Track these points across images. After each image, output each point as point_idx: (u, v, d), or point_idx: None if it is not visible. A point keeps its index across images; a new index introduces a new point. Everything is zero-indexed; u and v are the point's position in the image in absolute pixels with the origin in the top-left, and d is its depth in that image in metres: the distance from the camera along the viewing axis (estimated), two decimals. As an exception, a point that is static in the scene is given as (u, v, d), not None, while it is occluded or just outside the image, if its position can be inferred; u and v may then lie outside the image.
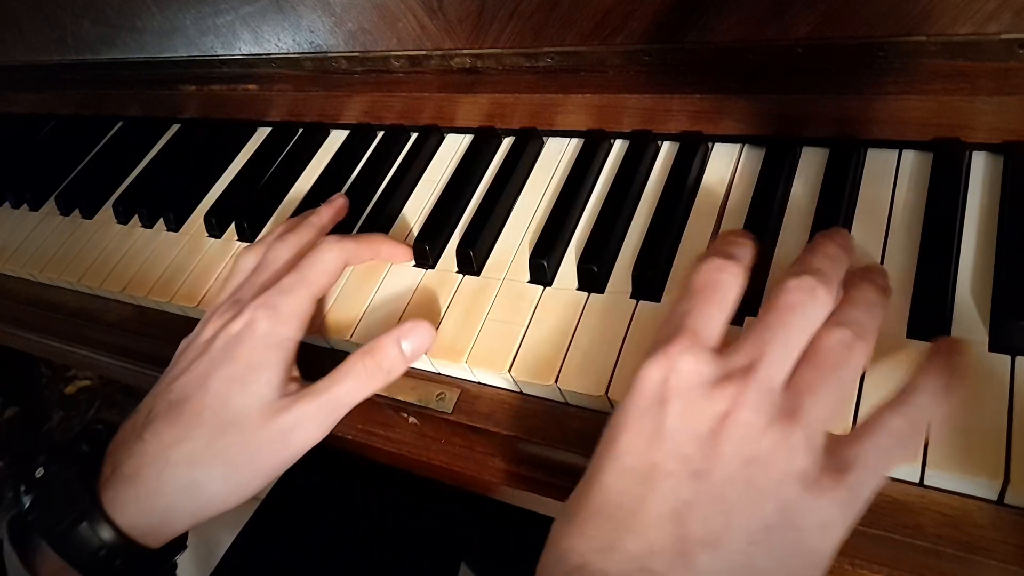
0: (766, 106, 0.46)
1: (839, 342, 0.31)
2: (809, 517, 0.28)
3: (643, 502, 0.29)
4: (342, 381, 0.40)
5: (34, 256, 0.67)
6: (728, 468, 0.29)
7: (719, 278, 0.33)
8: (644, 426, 0.30)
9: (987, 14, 0.37)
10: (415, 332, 0.42)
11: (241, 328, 0.41)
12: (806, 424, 0.29)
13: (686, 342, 0.31)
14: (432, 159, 0.58)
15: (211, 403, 0.39)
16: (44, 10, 0.70)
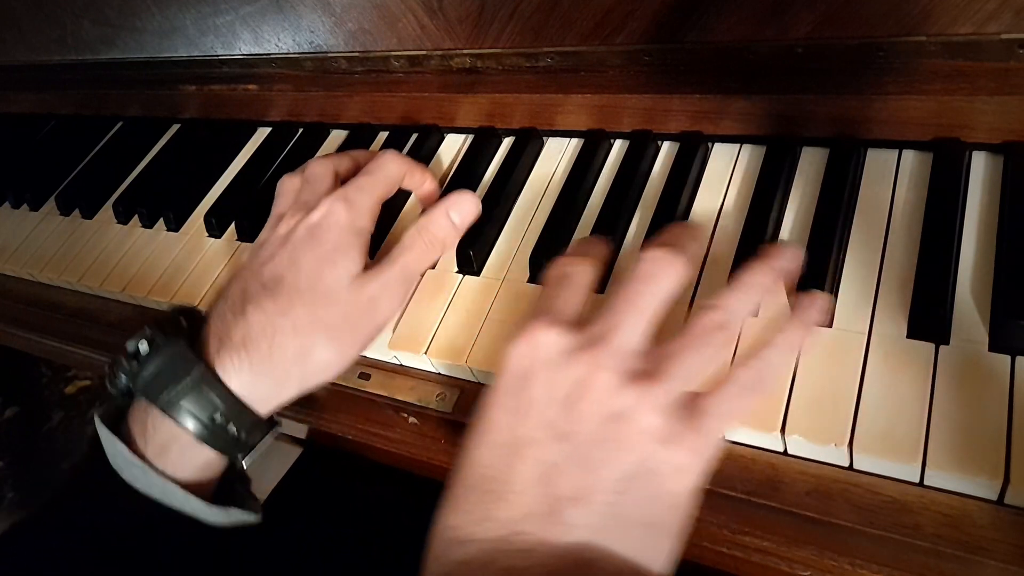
0: (766, 106, 0.46)
1: (711, 321, 0.33)
2: (666, 464, 0.31)
3: (512, 471, 0.31)
4: (407, 252, 0.45)
5: (34, 256, 0.67)
6: (589, 427, 0.31)
7: (569, 270, 0.37)
8: (510, 402, 0.32)
9: (987, 14, 0.37)
10: (462, 202, 0.46)
11: (321, 217, 0.44)
12: (661, 383, 0.32)
13: (545, 320, 0.34)
14: (432, 159, 0.58)
15: (305, 279, 0.42)
16: (44, 10, 0.70)
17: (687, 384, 0.32)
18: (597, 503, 0.30)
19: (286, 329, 0.40)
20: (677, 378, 0.32)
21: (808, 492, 0.35)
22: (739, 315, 0.34)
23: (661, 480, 0.31)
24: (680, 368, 0.32)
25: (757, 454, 0.37)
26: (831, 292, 0.39)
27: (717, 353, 0.34)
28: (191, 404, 0.39)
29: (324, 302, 0.41)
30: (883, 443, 0.33)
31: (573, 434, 0.31)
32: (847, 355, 0.36)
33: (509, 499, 0.30)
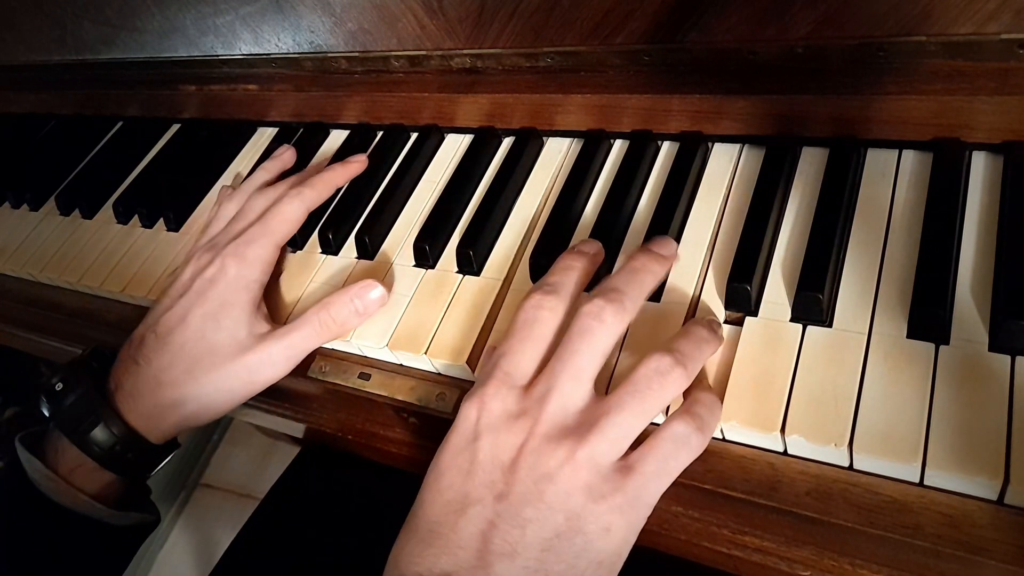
0: (766, 106, 0.46)
1: (654, 370, 0.35)
2: (592, 522, 0.33)
3: (455, 527, 0.34)
4: (300, 329, 0.47)
5: (34, 256, 0.67)
6: (523, 487, 0.33)
7: (536, 315, 0.38)
8: (461, 462, 0.35)
9: (987, 14, 0.37)
10: (368, 292, 0.47)
11: (214, 273, 0.48)
12: (592, 443, 0.33)
13: (496, 383, 0.36)
14: (432, 159, 0.58)
15: (190, 336, 0.47)
16: (44, 10, 0.70)
17: (621, 440, 0.34)
18: (524, 558, 0.32)
19: (165, 383, 0.47)
20: (609, 436, 0.34)
21: (808, 492, 0.35)
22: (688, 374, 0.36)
23: (587, 538, 0.33)
24: (612, 427, 0.34)
25: (757, 454, 0.37)
26: (831, 292, 0.39)
27: (655, 406, 0.35)
28: (94, 436, 0.46)
29: (202, 362, 0.46)
30: (883, 443, 0.33)
31: (510, 494, 0.33)
32: (847, 355, 0.36)
33: (451, 551, 0.33)
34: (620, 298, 0.37)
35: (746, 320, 0.40)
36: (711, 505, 0.37)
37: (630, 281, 0.38)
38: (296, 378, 0.50)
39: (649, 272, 0.39)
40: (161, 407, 0.47)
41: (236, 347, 0.46)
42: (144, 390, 0.47)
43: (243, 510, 0.37)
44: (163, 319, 0.48)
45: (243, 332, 0.47)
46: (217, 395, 0.47)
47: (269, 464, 1.49)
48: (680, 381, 0.35)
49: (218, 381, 0.46)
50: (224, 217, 0.54)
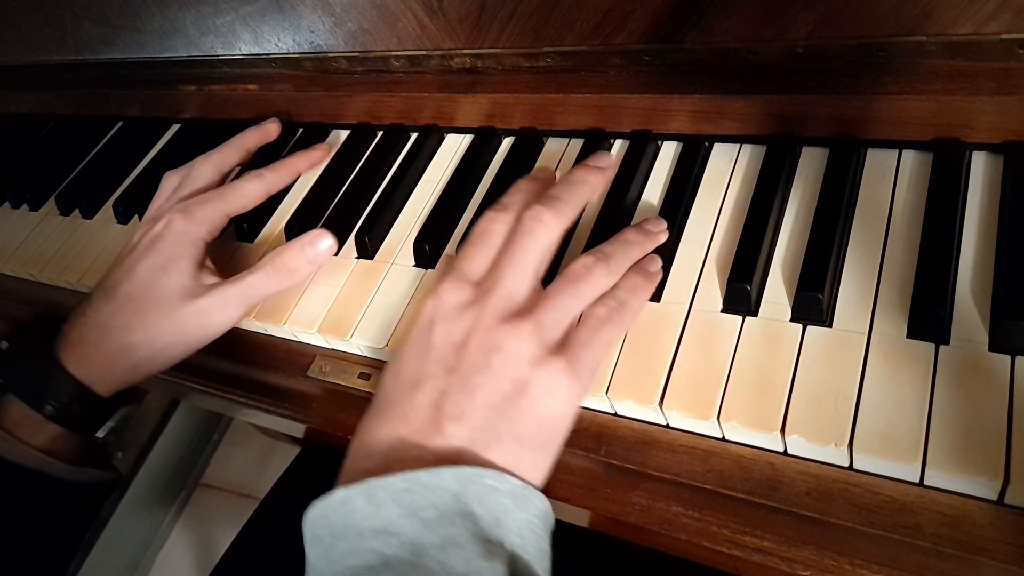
0: (766, 106, 0.46)
1: (582, 266, 0.40)
2: (536, 386, 0.36)
3: (412, 399, 0.37)
4: (254, 273, 0.49)
5: (34, 256, 0.67)
6: (473, 359, 0.37)
7: (489, 228, 0.42)
8: (418, 348, 0.39)
9: (987, 14, 0.37)
10: (319, 241, 0.50)
11: (161, 228, 0.50)
12: (535, 320, 0.37)
13: (451, 281, 0.40)
14: (432, 159, 0.58)
15: (139, 285, 0.48)
16: (44, 10, 0.70)
17: (560, 321, 0.38)
18: (473, 419, 0.35)
19: (115, 328, 0.47)
20: (549, 316, 0.38)
21: (808, 492, 0.35)
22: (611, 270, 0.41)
23: (531, 399, 0.36)
24: (552, 308, 0.38)
25: (757, 454, 0.37)
26: (831, 292, 0.39)
27: (588, 296, 0.40)
28: (43, 390, 0.47)
29: (152, 307, 0.48)
30: (883, 443, 0.33)
31: (460, 367, 0.37)
32: (847, 355, 0.36)
33: (408, 420, 0.36)
34: (557, 204, 0.41)
35: (746, 320, 0.40)
36: (711, 505, 0.37)
37: (567, 190, 0.42)
38: (296, 378, 0.50)
39: (585, 183, 0.44)
40: (110, 354, 0.47)
41: (186, 292, 0.48)
42: (91, 338, 0.47)
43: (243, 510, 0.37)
44: (111, 275, 0.50)
45: (192, 281, 0.48)
46: (170, 339, 0.48)
47: (269, 464, 1.49)
48: (604, 277, 0.40)
49: (171, 324, 0.47)
50: (167, 189, 0.55)
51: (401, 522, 0.32)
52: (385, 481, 0.33)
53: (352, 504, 0.33)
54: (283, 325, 0.50)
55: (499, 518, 0.33)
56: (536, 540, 0.35)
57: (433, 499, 0.33)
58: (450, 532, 0.32)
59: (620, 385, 0.40)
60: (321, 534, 0.34)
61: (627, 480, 0.39)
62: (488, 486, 0.34)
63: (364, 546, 0.32)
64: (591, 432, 0.41)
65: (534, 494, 0.35)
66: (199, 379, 0.54)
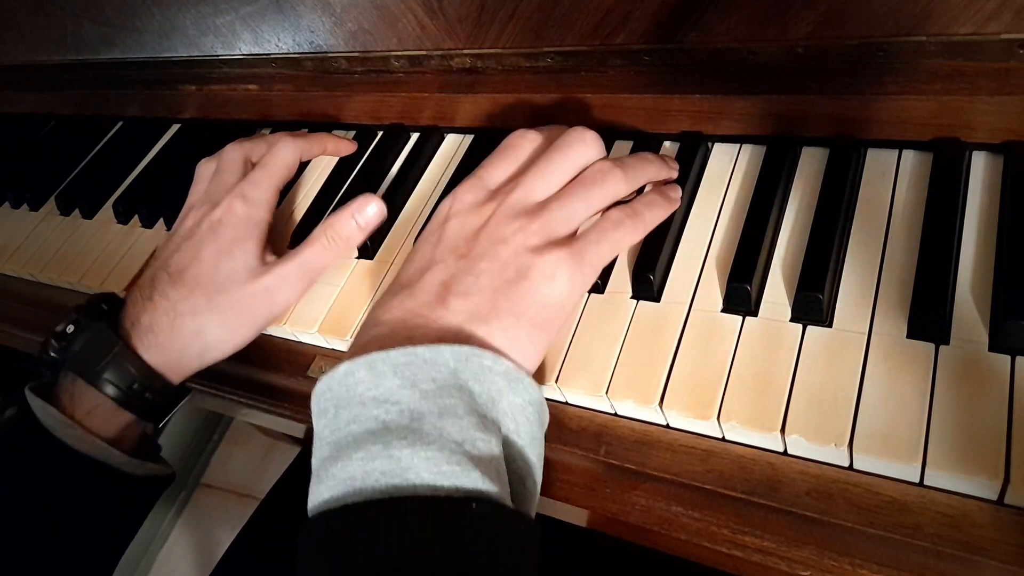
0: (766, 106, 0.46)
1: (597, 168, 0.42)
2: (538, 271, 0.38)
3: (423, 279, 0.39)
4: (311, 246, 0.49)
5: (34, 256, 0.67)
6: (481, 248, 0.39)
7: (517, 143, 0.44)
8: (431, 238, 0.41)
9: (987, 14, 0.37)
10: (367, 206, 0.50)
11: (222, 214, 0.50)
12: (544, 218, 0.40)
13: (470, 184, 0.43)
14: (433, 159, 0.58)
15: (205, 270, 0.48)
16: (44, 10, 0.70)
17: (569, 220, 0.41)
18: (477, 296, 0.38)
19: (185, 312, 0.47)
20: (558, 214, 0.40)
21: (808, 492, 0.35)
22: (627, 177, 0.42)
23: (532, 283, 0.38)
24: (561, 207, 0.40)
25: (757, 454, 0.37)
26: (831, 292, 0.39)
27: (599, 199, 0.42)
28: (111, 375, 0.46)
29: (220, 289, 0.47)
30: (883, 443, 0.33)
31: (469, 254, 0.39)
32: (847, 355, 0.36)
33: (415, 295, 0.39)
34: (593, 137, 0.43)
35: (746, 320, 0.40)
36: (711, 505, 0.37)
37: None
38: (296, 378, 0.50)
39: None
40: (182, 338, 0.47)
41: (251, 273, 0.48)
42: (163, 323, 0.47)
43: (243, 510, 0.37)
44: (174, 259, 0.49)
45: (255, 262, 0.49)
46: (239, 319, 0.48)
47: (269, 464, 1.49)
48: (619, 182, 0.42)
49: (238, 304, 0.47)
50: (204, 176, 0.55)
51: (401, 392, 0.34)
52: (386, 355, 0.35)
53: (355, 376, 0.35)
54: (283, 325, 0.50)
55: (494, 398, 0.35)
56: (529, 426, 0.36)
57: (432, 373, 0.35)
58: (447, 403, 0.34)
59: (620, 385, 0.40)
60: (326, 406, 0.36)
61: (627, 480, 0.39)
62: (484, 365, 0.35)
63: (365, 414, 0.34)
64: (591, 432, 0.41)
65: (528, 380, 0.37)
66: (199, 379, 0.54)
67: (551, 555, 0.37)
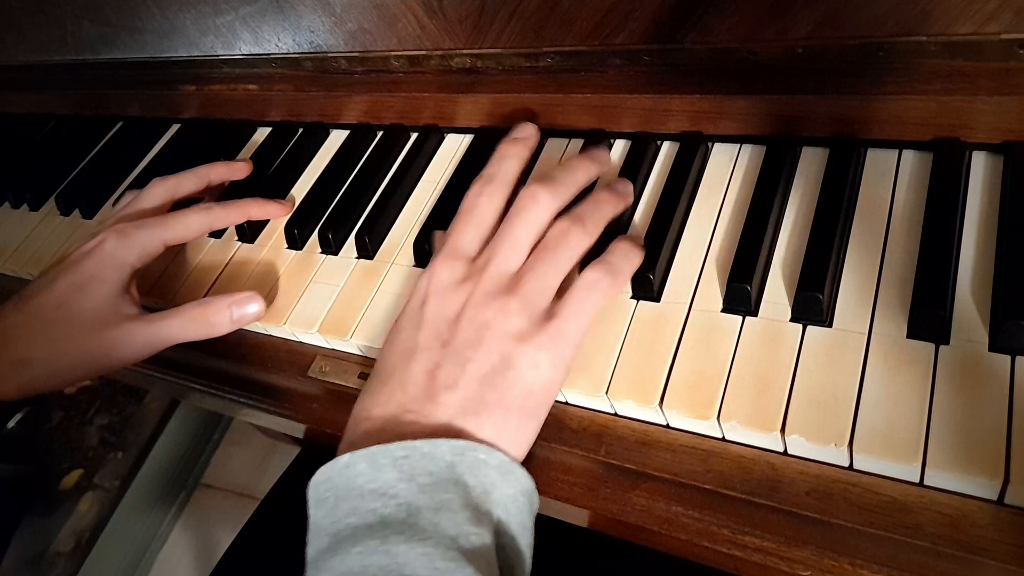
0: (766, 106, 0.46)
1: (558, 231, 0.42)
2: (522, 359, 0.38)
3: (407, 370, 0.39)
4: (172, 319, 0.48)
5: (34, 256, 0.67)
6: (464, 335, 0.39)
7: (476, 203, 0.44)
8: (413, 321, 0.41)
9: (987, 14, 0.37)
10: (247, 303, 0.49)
11: (92, 247, 0.49)
12: (522, 295, 0.40)
13: (443, 257, 0.42)
14: (432, 159, 0.58)
15: (52, 301, 0.47)
16: (44, 10, 0.70)
17: (544, 291, 0.41)
18: (464, 388, 0.38)
19: (16, 338, 0.47)
20: (533, 287, 0.40)
21: (808, 492, 0.35)
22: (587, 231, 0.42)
23: (518, 372, 0.38)
24: (535, 280, 0.40)
25: (757, 454, 0.37)
26: (831, 292, 0.39)
27: (567, 261, 0.42)
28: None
29: (60, 325, 0.47)
30: (883, 443, 0.33)
31: (453, 341, 0.39)
32: (847, 355, 0.36)
33: (405, 388, 0.39)
34: (554, 185, 0.43)
35: (746, 320, 0.40)
36: (711, 505, 0.37)
37: (566, 173, 0.45)
38: (296, 378, 0.50)
39: (583, 170, 0.46)
40: (6, 363, 0.47)
41: (98, 320, 0.47)
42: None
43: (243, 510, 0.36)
44: (33, 285, 0.49)
45: (108, 308, 0.48)
46: (71, 362, 0.47)
47: (269, 464, 1.49)
48: (581, 238, 0.42)
49: (74, 349, 0.47)
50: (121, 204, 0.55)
51: (399, 485, 0.35)
52: (386, 448, 0.36)
53: (355, 468, 0.36)
54: (283, 325, 0.50)
55: (488, 490, 0.36)
56: (520, 516, 0.37)
57: (429, 467, 0.35)
58: (443, 497, 0.34)
59: (620, 385, 0.40)
60: (326, 496, 0.36)
61: (627, 480, 0.39)
62: (479, 459, 0.36)
63: (364, 506, 0.34)
64: (591, 432, 0.41)
65: (520, 471, 0.37)
66: (199, 379, 0.54)
67: (551, 555, 0.37)
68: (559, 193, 0.43)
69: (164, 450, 1.46)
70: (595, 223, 0.43)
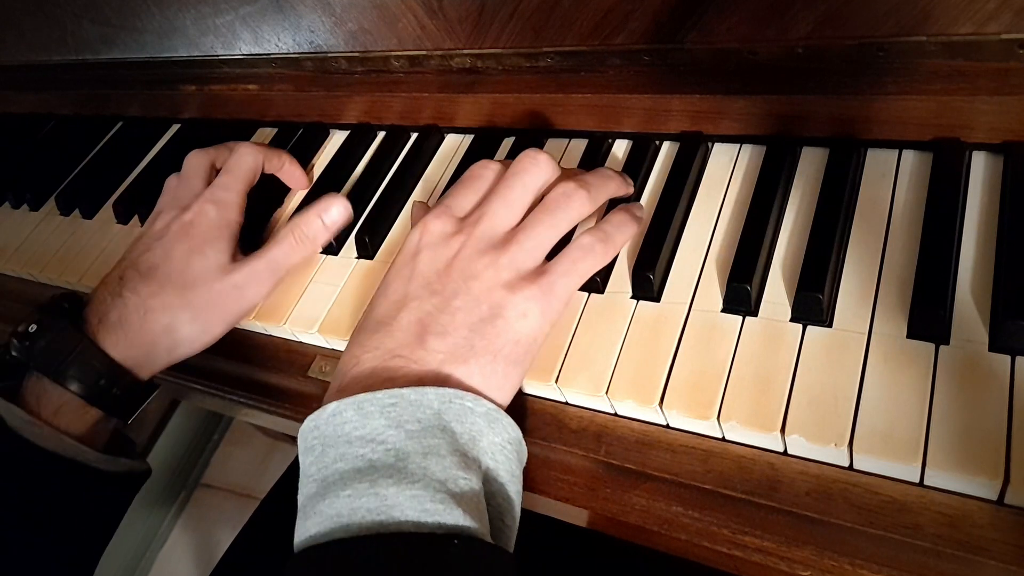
0: (766, 106, 0.46)
1: (560, 192, 0.43)
2: (511, 309, 0.39)
3: (398, 316, 0.40)
4: (277, 246, 0.50)
5: (34, 256, 0.67)
6: (455, 285, 0.40)
7: (480, 173, 0.45)
8: (404, 272, 0.42)
9: (987, 14, 0.37)
10: (333, 206, 0.52)
11: (193, 216, 0.51)
12: (512, 251, 0.41)
13: (437, 212, 0.43)
14: (432, 159, 0.58)
15: (177, 268, 0.49)
16: (44, 10, 0.70)
17: (536, 249, 0.41)
18: (454, 335, 0.39)
19: (156, 308, 0.48)
20: (526, 245, 0.41)
21: (808, 492, 0.35)
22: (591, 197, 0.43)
23: (506, 321, 0.39)
24: (528, 239, 0.41)
25: (757, 454, 0.37)
26: (831, 292, 0.39)
27: (565, 223, 0.42)
28: (76, 372, 0.46)
29: (191, 286, 0.49)
30: (883, 443, 0.33)
31: (443, 291, 0.40)
32: (847, 355, 0.36)
33: (393, 334, 0.39)
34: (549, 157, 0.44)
35: (746, 320, 0.40)
36: (711, 505, 0.37)
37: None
38: (296, 378, 0.50)
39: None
40: (152, 334, 0.48)
41: (222, 271, 0.49)
42: (133, 319, 0.47)
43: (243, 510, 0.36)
44: (144, 258, 0.50)
45: (226, 260, 0.50)
46: (209, 315, 0.49)
47: (269, 464, 1.49)
48: (583, 202, 0.43)
49: (209, 301, 0.49)
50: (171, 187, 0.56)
51: (387, 432, 0.35)
52: (373, 396, 0.36)
53: (343, 416, 0.36)
54: (283, 325, 0.50)
55: (475, 437, 0.36)
56: (508, 464, 0.37)
57: (417, 414, 0.35)
58: (431, 443, 0.35)
59: (620, 385, 0.40)
60: (313, 444, 0.36)
61: (627, 480, 0.39)
62: (466, 407, 0.36)
63: (353, 452, 0.35)
64: (591, 432, 0.41)
65: (506, 419, 0.38)
66: (199, 379, 0.54)
67: (551, 555, 0.37)
68: (557, 167, 0.44)
69: (164, 450, 1.46)
70: (599, 192, 0.44)
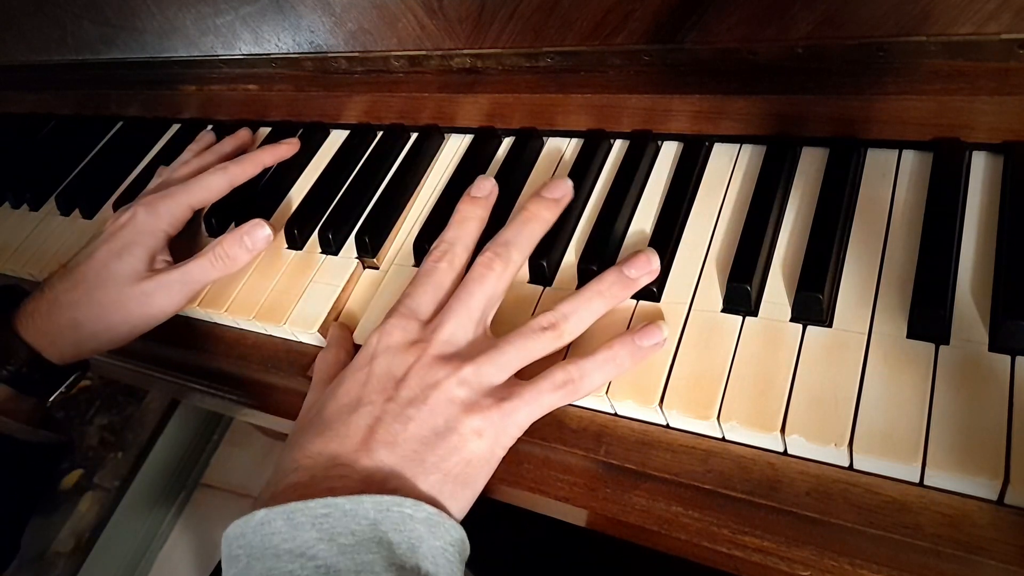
0: (766, 106, 0.46)
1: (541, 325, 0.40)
2: (467, 426, 0.38)
3: (347, 421, 0.38)
4: (195, 262, 0.52)
5: (34, 256, 0.67)
6: (411, 392, 0.39)
7: (435, 267, 0.44)
8: (359, 376, 0.40)
9: (987, 14, 0.37)
10: (258, 230, 0.53)
11: (125, 219, 0.53)
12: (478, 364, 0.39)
13: (396, 316, 0.42)
14: (432, 159, 0.58)
15: (94, 267, 0.51)
16: (44, 10, 0.70)
17: (502, 369, 0.40)
18: (403, 448, 0.37)
19: (64, 303, 0.51)
20: (495, 362, 0.39)
21: (808, 492, 0.35)
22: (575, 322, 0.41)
23: (460, 438, 0.38)
24: (499, 355, 0.40)
25: (757, 454, 0.37)
26: (831, 292, 0.39)
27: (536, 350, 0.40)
28: None
29: (101, 286, 0.51)
30: (883, 443, 0.33)
31: (398, 398, 0.39)
32: (847, 355, 0.36)
33: (341, 440, 0.38)
34: (508, 251, 0.43)
35: (746, 320, 0.40)
36: (711, 505, 0.37)
37: (520, 232, 0.44)
38: (296, 378, 0.50)
39: (539, 220, 0.45)
40: (59, 326, 0.51)
41: (134, 276, 0.51)
42: (43, 309, 0.51)
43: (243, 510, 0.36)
44: (74, 258, 0.54)
45: (142, 267, 0.52)
46: (113, 318, 0.51)
47: (269, 464, 1.49)
48: (554, 341, 0.41)
49: (115, 305, 0.51)
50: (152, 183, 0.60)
51: (318, 546, 0.33)
52: (305, 505, 0.34)
53: (271, 525, 0.34)
54: (283, 325, 0.50)
55: (414, 545, 0.34)
56: (449, 567, 0.35)
57: (351, 525, 0.34)
58: (366, 559, 0.33)
59: (620, 385, 0.40)
60: (239, 554, 0.35)
61: (627, 480, 0.39)
62: (405, 514, 0.35)
63: (280, 568, 0.33)
64: (591, 432, 0.41)
65: (449, 522, 0.36)
66: (199, 379, 0.54)
67: (551, 555, 0.37)
68: (514, 261, 0.43)
69: (164, 450, 1.46)
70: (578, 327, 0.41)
